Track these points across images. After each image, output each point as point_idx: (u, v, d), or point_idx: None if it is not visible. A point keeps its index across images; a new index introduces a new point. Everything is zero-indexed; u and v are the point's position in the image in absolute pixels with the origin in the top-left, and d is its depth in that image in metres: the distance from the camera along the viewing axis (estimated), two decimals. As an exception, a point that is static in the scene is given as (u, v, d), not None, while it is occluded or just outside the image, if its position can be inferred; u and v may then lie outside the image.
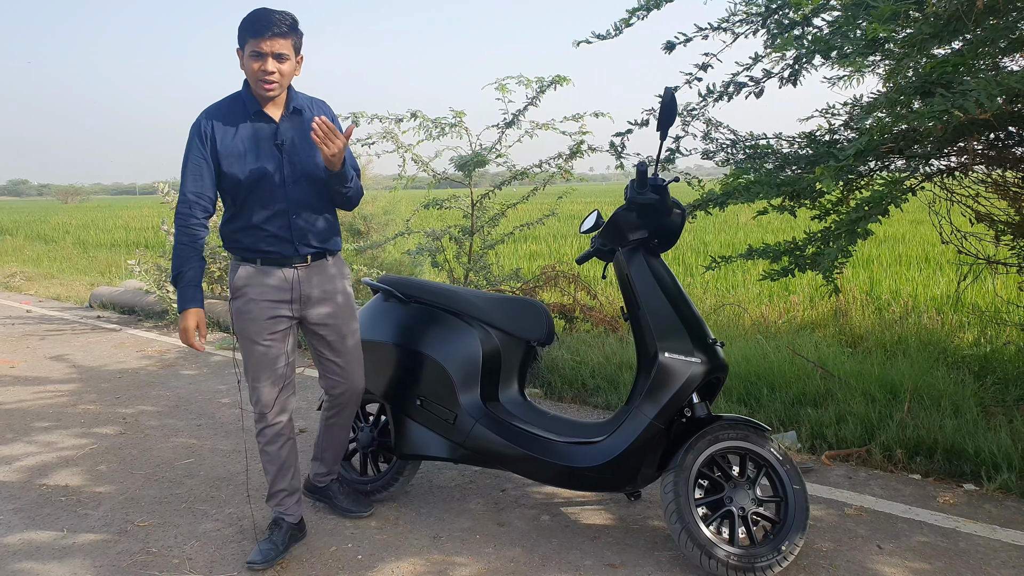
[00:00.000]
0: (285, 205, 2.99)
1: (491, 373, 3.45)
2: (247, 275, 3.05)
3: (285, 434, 3.18)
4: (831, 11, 4.04)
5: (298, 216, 3.01)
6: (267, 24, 2.82)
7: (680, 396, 2.96)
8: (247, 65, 2.90)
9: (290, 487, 3.23)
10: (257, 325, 3.04)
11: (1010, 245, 4.73)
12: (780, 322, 6.79)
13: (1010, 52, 3.68)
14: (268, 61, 2.85)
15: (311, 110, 3.08)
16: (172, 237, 8.40)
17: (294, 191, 2.99)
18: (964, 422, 4.06)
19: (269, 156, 2.97)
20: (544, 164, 6.46)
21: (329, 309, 3.14)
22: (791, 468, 2.93)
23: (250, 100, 2.98)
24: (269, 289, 3.03)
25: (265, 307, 3.03)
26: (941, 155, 4.14)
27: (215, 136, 2.95)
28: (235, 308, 3.07)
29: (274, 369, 3.08)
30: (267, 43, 2.83)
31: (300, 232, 3.02)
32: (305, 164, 3.01)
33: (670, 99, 2.91)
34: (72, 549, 3.27)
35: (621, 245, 3.19)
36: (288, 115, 3.02)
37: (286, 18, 2.86)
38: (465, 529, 3.37)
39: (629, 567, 3.01)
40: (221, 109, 2.99)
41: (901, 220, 15.36)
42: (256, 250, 3.03)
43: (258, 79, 2.88)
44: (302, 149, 3.01)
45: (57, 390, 5.79)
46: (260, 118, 2.98)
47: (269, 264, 3.04)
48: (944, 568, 2.94)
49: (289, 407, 3.18)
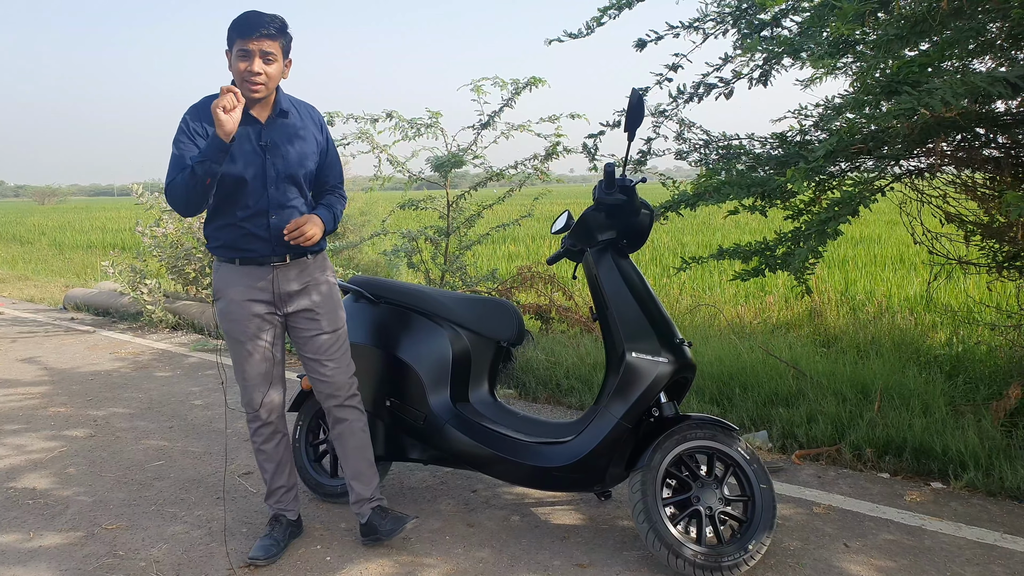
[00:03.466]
0: (265, 205, 2.96)
1: (461, 374, 3.45)
2: (227, 275, 3.04)
3: (280, 431, 3.21)
4: (801, 12, 4.07)
5: (278, 217, 2.98)
6: (256, 24, 2.80)
7: (647, 396, 2.96)
8: (234, 65, 2.87)
9: (288, 483, 3.26)
10: (240, 325, 3.03)
11: (980, 245, 4.78)
12: (755, 322, 6.82)
13: (979, 54, 3.72)
14: (255, 61, 2.82)
15: (299, 113, 3.07)
16: (145, 238, 8.29)
17: (275, 192, 2.97)
18: (933, 421, 4.09)
19: (252, 156, 2.94)
20: (520, 165, 6.47)
21: (307, 301, 3.08)
22: (758, 467, 2.94)
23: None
24: (249, 289, 3.01)
25: (246, 307, 3.02)
26: (910, 156, 4.17)
27: (204, 130, 2.91)
28: (218, 309, 3.07)
29: (261, 368, 3.08)
30: (255, 43, 2.81)
31: (278, 231, 2.98)
32: (288, 166, 2.99)
33: (637, 100, 2.92)
34: (38, 552, 3.24)
35: (590, 245, 3.20)
36: (274, 116, 2.99)
37: (275, 20, 2.84)
38: (435, 530, 3.36)
39: (597, 567, 3.01)
40: (206, 108, 2.95)
41: (877, 221, 15.48)
42: (234, 248, 3.01)
43: (244, 79, 2.85)
44: (286, 151, 2.99)
45: (28, 392, 5.73)
46: (245, 118, 2.94)
47: (248, 263, 3.01)
48: (909, 565, 2.96)
49: (279, 404, 3.18)
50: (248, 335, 3.04)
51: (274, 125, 3.00)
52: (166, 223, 8.37)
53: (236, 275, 3.03)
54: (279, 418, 3.20)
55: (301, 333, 3.12)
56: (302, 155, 3.03)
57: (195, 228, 8.30)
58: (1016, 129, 3.86)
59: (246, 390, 3.12)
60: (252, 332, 3.04)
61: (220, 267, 3.07)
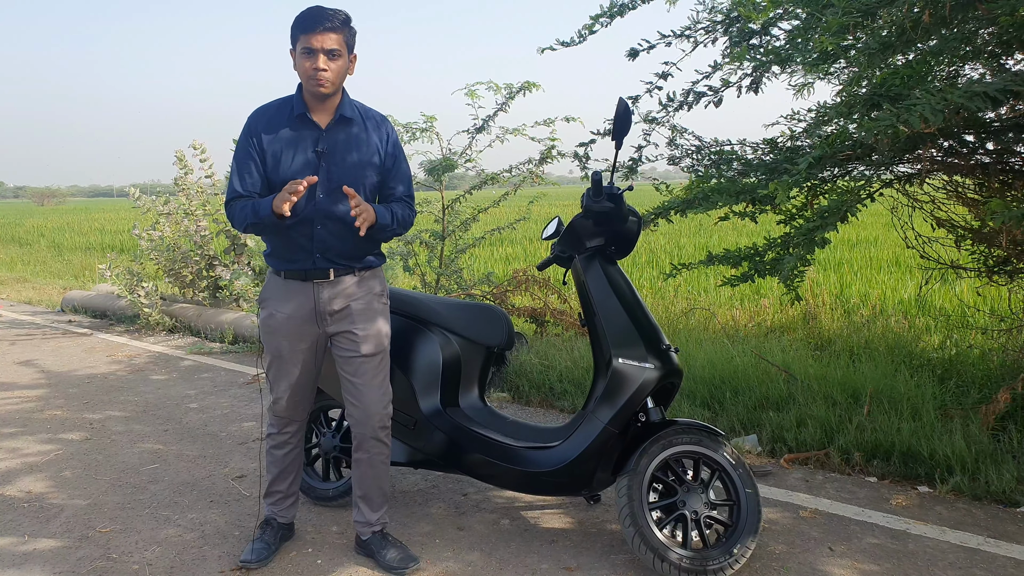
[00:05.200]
0: (312, 213, 2.90)
1: (451, 379, 3.48)
2: (273, 287, 3.05)
3: (292, 443, 3.24)
4: (794, 19, 4.10)
5: (323, 227, 2.92)
6: (319, 19, 2.76)
7: (634, 401, 3.00)
8: (299, 64, 2.83)
9: (287, 491, 3.29)
10: (276, 338, 3.03)
11: (970, 250, 4.81)
12: (750, 326, 6.85)
13: (972, 58, 3.74)
14: (319, 58, 2.77)
15: (364, 121, 3.00)
16: (142, 240, 8.32)
17: (325, 201, 2.90)
18: (921, 425, 4.12)
19: (307, 162, 2.90)
20: (514, 169, 6.51)
21: (347, 322, 3.00)
22: (744, 472, 2.97)
23: (299, 102, 2.91)
24: (290, 304, 2.99)
25: (285, 321, 3.00)
26: (900, 162, 4.21)
27: (261, 135, 2.90)
28: (261, 317, 3.09)
29: (291, 380, 3.08)
30: (318, 38, 2.77)
31: (321, 243, 2.93)
32: (344, 175, 2.91)
33: (624, 109, 2.96)
34: (32, 555, 3.27)
35: (578, 252, 3.23)
36: (335, 123, 2.93)
37: (339, 14, 2.80)
38: (425, 533, 3.39)
39: (585, 570, 3.05)
40: (269, 110, 2.94)
41: (875, 223, 15.52)
42: (280, 257, 2.98)
43: (309, 76, 2.80)
44: (343, 159, 2.92)
45: (24, 396, 5.76)
46: (304, 122, 2.90)
47: (292, 278, 2.98)
48: (892, 569, 2.99)
49: (300, 417, 3.21)
50: (283, 348, 3.03)
51: (334, 132, 2.93)
52: (163, 226, 8.40)
53: (280, 288, 3.01)
54: (295, 432, 3.23)
55: (341, 352, 3.05)
56: (360, 165, 2.95)
57: (192, 232, 8.33)
58: (1005, 135, 3.89)
59: (273, 394, 3.15)
60: (288, 346, 3.02)
61: (271, 277, 3.07)
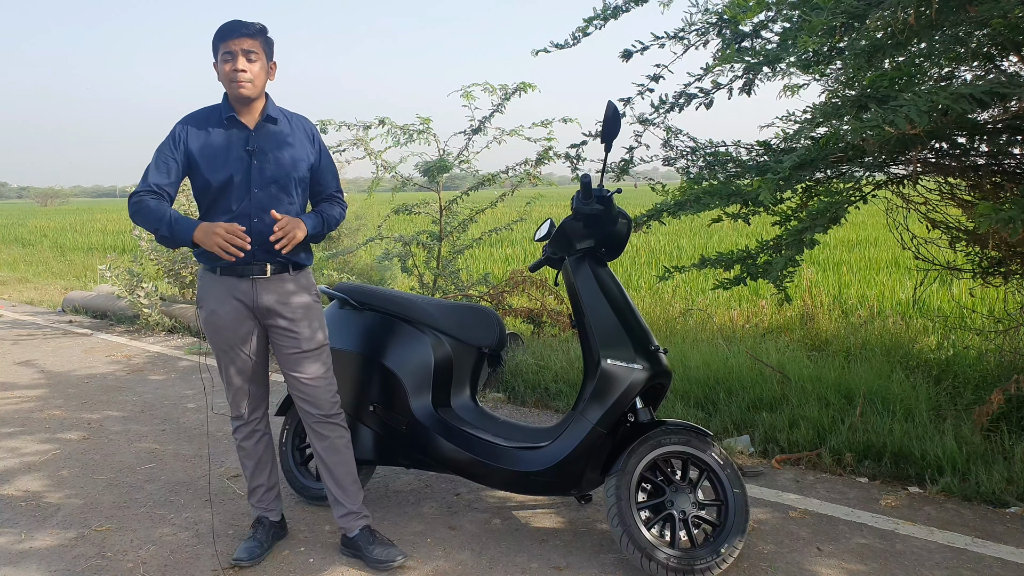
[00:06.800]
0: (248, 209, 3.00)
1: (443, 379, 3.51)
2: (208, 284, 3.10)
3: (260, 430, 3.30)
4: (786, 21, 4.12)
5: (260, 220, 3.01)
6: (236, 27, 2.92)
7: (622, 402, 3.02)
8: (220, 69, 2.97)
9: (268, 483, 3.34)
10: (221, 334, 3.10)
11: (965, 251, 4.83)
12: (747, 327, 6.86)
13: (967, 60, 3.76)
14: (238, 59, 2.92)
15: (289, 121, 3.14)
16: (142, 241, 8.35)
17: (259, 197, 3.02)
18: (913, 426, 4.14)
19: (239, 161, 3.01)
20: (511, 170, 6.53)
21: (284, 320, 3.09)
22: (732, 472, 2.99)
23: (226, 107, 3.04)
24: (229, 299, 3.06)
25: (227, 316, 3.07)
26: (892, 163, 4.22)
27: (188, 140, 3.01)
28: (201, 317, 3.15)
29: (243, 371, 3.17)
30: (236, 43, 2.92)
31: (260, 237, 3.01)
32: (275, 172, 3.03)
33: (612, 112, 2.98)
34: (28, 553, 3.30)
35: (569, 254, 3.26)
36: (262, 123, 3.06)
37: (255, 24, 2.95)
38: (417, 533, 3.42)
39: (574, 569, 3.07)
40: (198, 116, 3.07)
41: (875, 224, 15.49)
42: (215, 255, 3.03)
43: (231, 80, 2.94)
44: (274, 156, 3.05)
45: (24, 395, 5.80)
46: (233, 124, 3.03)
47: (227, 274, 3.06)
48: (879, 569, 3.01)
49: (262, 405, 3.29)
50: (229, 344, 3.11)
51: (262, 131, 3.06)
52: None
53: (216, 284, 3.08)
54: (260, 419, 3.29)
55: (280, 348, 3.14)
56: (291, 160, 3.07)
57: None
58: (998, 137, 3.90)
59: (228, 391, 3.22)
60: (233, 341, 3.11)
61: (203, 275, 3.14)
